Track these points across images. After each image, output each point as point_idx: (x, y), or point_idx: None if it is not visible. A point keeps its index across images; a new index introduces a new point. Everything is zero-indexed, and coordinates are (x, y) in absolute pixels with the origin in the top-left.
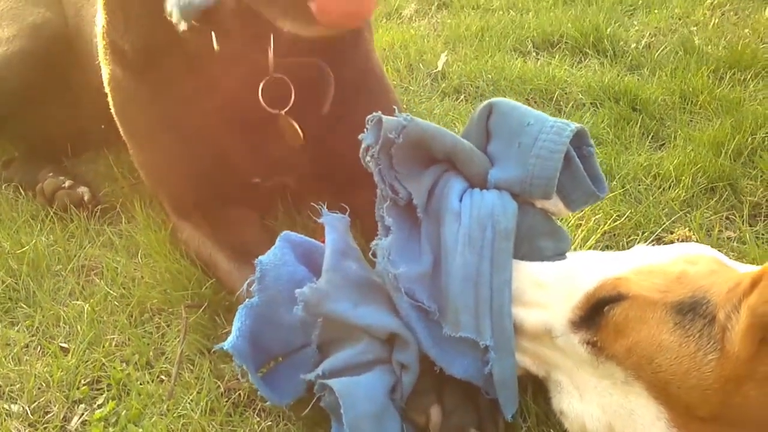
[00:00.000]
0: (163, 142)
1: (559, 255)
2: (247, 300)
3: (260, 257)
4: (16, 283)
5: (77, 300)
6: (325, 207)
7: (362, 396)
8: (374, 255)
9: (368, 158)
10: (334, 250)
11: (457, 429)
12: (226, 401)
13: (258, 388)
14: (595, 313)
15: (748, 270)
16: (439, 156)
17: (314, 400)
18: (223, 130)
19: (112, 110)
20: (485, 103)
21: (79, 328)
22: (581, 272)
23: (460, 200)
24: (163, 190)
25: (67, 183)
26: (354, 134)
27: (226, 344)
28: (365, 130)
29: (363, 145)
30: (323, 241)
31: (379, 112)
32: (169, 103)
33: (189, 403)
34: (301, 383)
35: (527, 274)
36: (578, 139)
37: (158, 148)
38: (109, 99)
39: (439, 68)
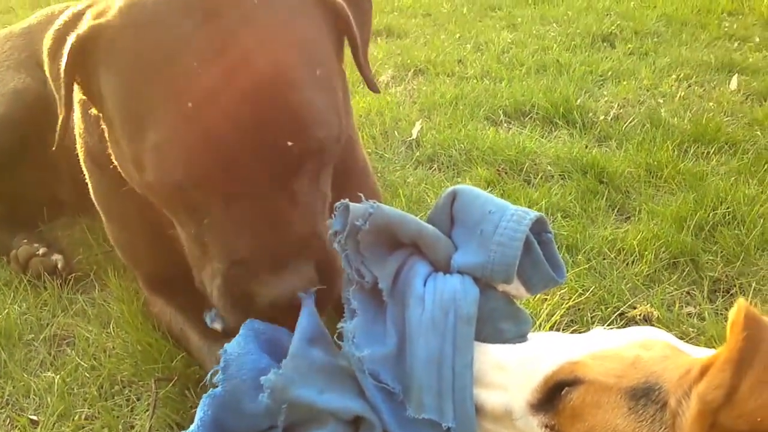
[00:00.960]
0: (137, 224)
1: (521, 337)
2: (210, 390)
3: (226, 345)
4: None
5: (48, 371)
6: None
7: None
8: (340, 337)
9: (335, 244)
10: (302, 336)
11: None
12: None
13: None
14: (554, 396)
15: (701, 355)
16: (404, 240)
17: None
18: None
19: (90, 189)
20: (449, 189)
21: (49, 400)
22: (541, 355)
23: (425, 284)
24: (136, 267)
25: (41, 250)
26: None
27: None
28: (332, 216)
29: (330, 231)
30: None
31: (347, 200)
32: None
33: None
34: None
35: (489, 357)
36: (538, 226)
37: (132, 229)
38: (87, 179)
39: (414, 136)
